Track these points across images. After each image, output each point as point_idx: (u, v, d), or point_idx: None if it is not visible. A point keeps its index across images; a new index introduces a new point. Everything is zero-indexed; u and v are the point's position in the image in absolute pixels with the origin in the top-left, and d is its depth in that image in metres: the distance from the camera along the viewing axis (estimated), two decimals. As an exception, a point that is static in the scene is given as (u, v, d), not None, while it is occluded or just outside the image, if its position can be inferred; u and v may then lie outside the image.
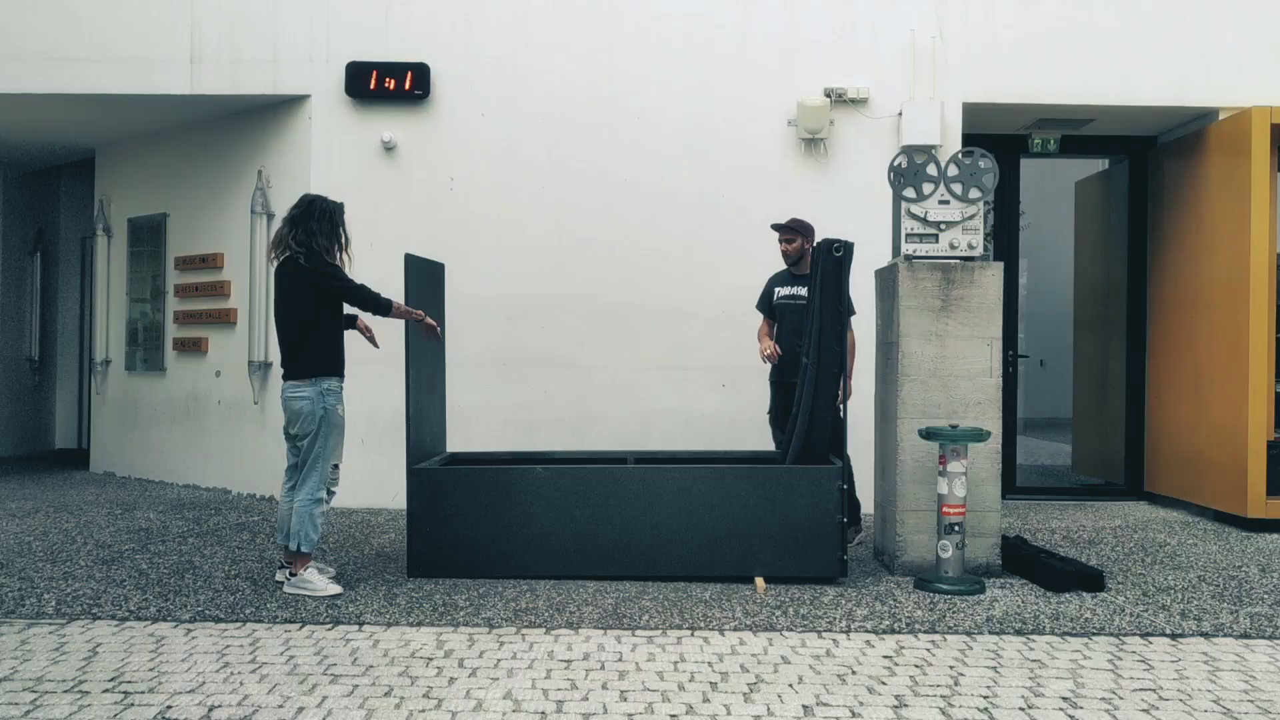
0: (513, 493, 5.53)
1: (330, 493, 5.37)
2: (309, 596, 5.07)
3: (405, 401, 5.57)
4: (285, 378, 5.29)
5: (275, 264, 5.36)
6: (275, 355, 8.27)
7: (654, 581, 5.44)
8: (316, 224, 5.23)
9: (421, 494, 5.51)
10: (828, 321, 5.63)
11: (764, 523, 5.45)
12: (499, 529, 5.50)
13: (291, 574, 5.22)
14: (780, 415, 6.47)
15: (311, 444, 5.23)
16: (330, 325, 5.30)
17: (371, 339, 5.65)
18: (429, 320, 5.49)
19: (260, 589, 5.24)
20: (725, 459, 6.30)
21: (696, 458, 6.39)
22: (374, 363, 8.04)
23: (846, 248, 5.66)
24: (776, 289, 6.64)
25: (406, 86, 7.82)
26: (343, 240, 5.34)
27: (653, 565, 5.49)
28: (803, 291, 6.35)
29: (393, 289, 7.61)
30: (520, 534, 5.49)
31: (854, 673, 4.03)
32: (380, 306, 5.28)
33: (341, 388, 5.32)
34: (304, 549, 5.18)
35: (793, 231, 6.50)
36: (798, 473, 5.55)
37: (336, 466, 5.36)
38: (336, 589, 5.15)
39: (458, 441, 7.43)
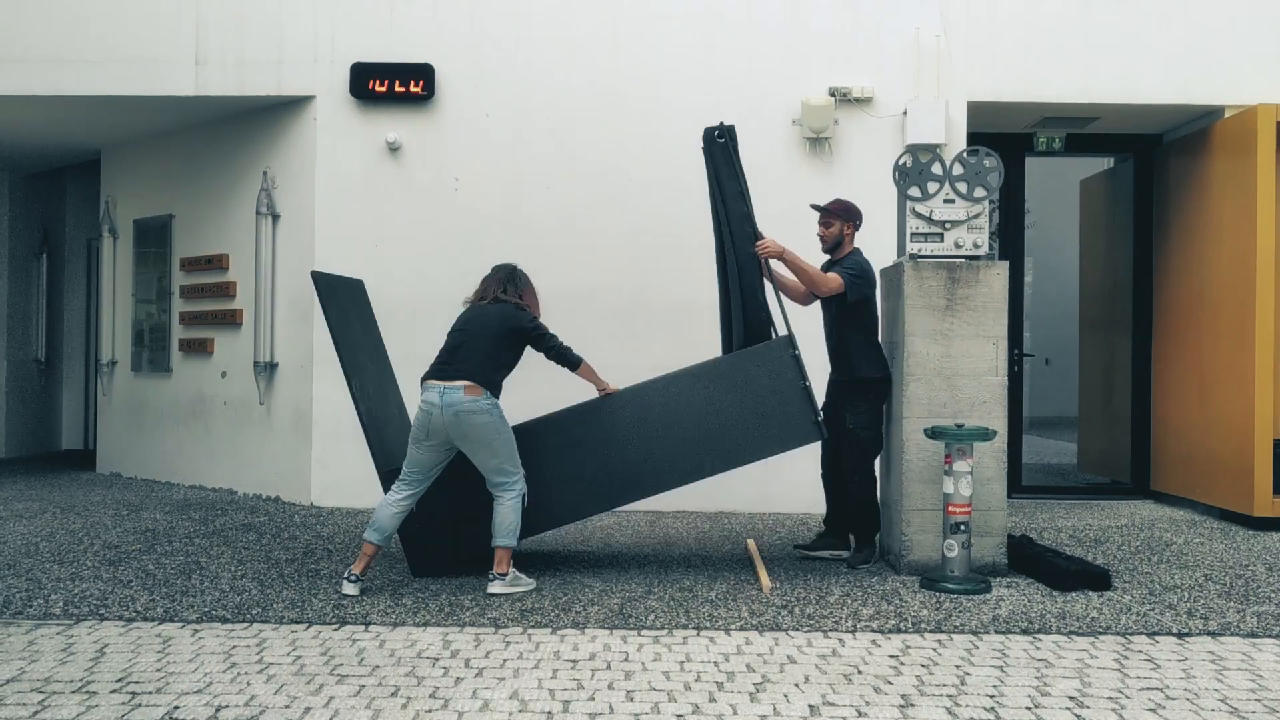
0: None
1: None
2: (520, 592, 5.21)
3: (356, 412, 5.55)
4: (451, 378, 5.21)
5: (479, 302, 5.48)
6: (280, 356, 8.29)
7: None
8: (523, 287, 5.52)
9: None
10: (732, 206, 5.73)
11: (734, 413, 5.50)
12: (486, 504, 5.43)
13: (501, 574, 5.22)
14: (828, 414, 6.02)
15: (500, 450, 5.26)
16: (513, 366, 5.47)
17: None
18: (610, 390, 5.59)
19: (267, 589, 5.25)
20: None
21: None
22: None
23: (727, 131, 5.75)
24: None
25: (411, 87, 7.83)
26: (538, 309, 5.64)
27: (642, 487, 5.56)
28: None
29: (398, 290, 7.64)
30: None
31: (860, 672, 4.03)
32: (573, 362, 5.47)
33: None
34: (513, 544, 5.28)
35: (830, 215, 5.98)
36: (748, 355, 5.58)
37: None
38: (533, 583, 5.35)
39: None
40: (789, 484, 7.69)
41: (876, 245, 7.56)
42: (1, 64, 8.00)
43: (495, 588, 5.17)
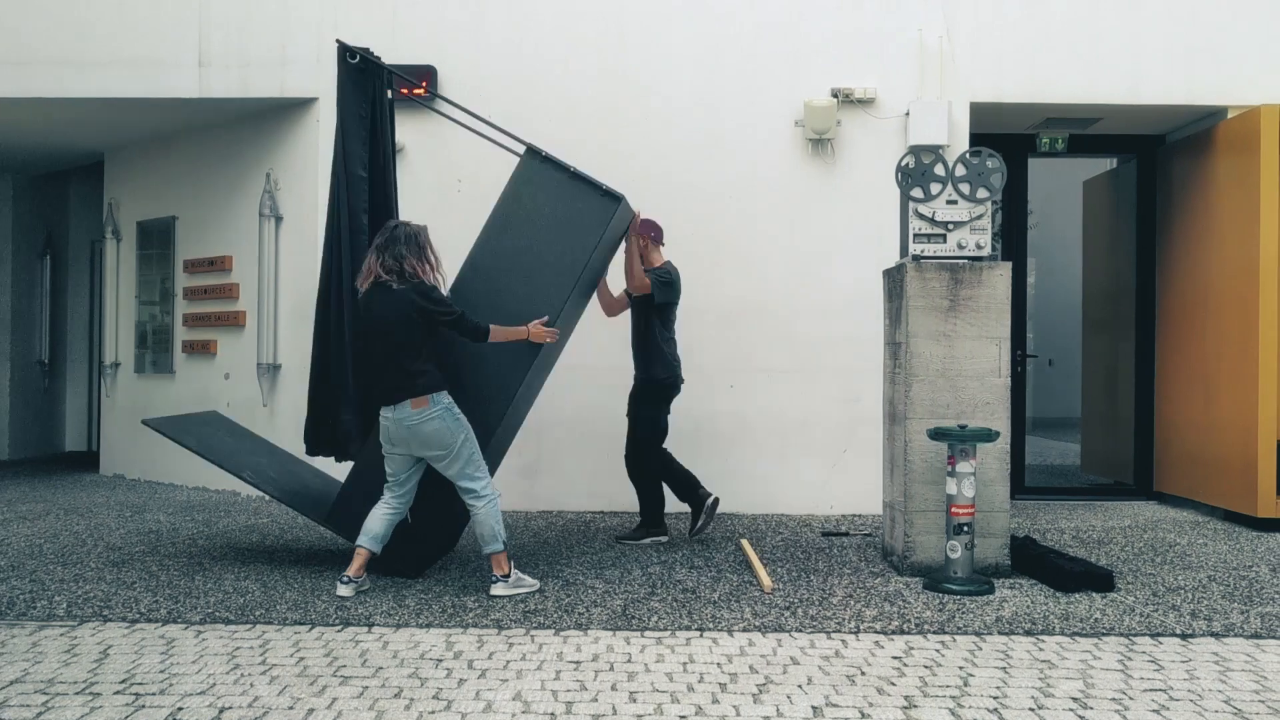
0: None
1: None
2: (521, 594, 5.20)
3: (267, 494, 5.74)
4: (393, 402, 5.11)
5: (362, 292, 5.24)
6: (284, 358, 8.30)
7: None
8: (404, 248, 5.17)
9: (350, 524, 5.51)
10: (350, 126, 5.75)
11: (543, 239, 5.54)
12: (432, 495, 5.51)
13: (502, 575, 5.20)
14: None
15: (461, 453, 5.19)
16: (434, 344, 5.23)
17: None
18: (540, 329, 5.40)
19: (270, 591, 5.26)
20: None
21: None
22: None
23: (360, 51, 5.79)
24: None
25: (414, 88, 7.82)
26: (432, 261, 5.28)
27: (528, 356, 5.43)
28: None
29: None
30: None
31: (863, 673, 4.03)
32: (479, 334, 5.24)
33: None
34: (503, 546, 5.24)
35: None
36: (510, 190, 5.66)
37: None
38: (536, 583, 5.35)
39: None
40: (791, 486, 7.70)
41: (879, 247, 7.61)
42: (6, 66, 8.02)
43: (498, 589, 5.17)
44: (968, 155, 5.77)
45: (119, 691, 3.77)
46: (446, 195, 7.92)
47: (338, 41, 5.92)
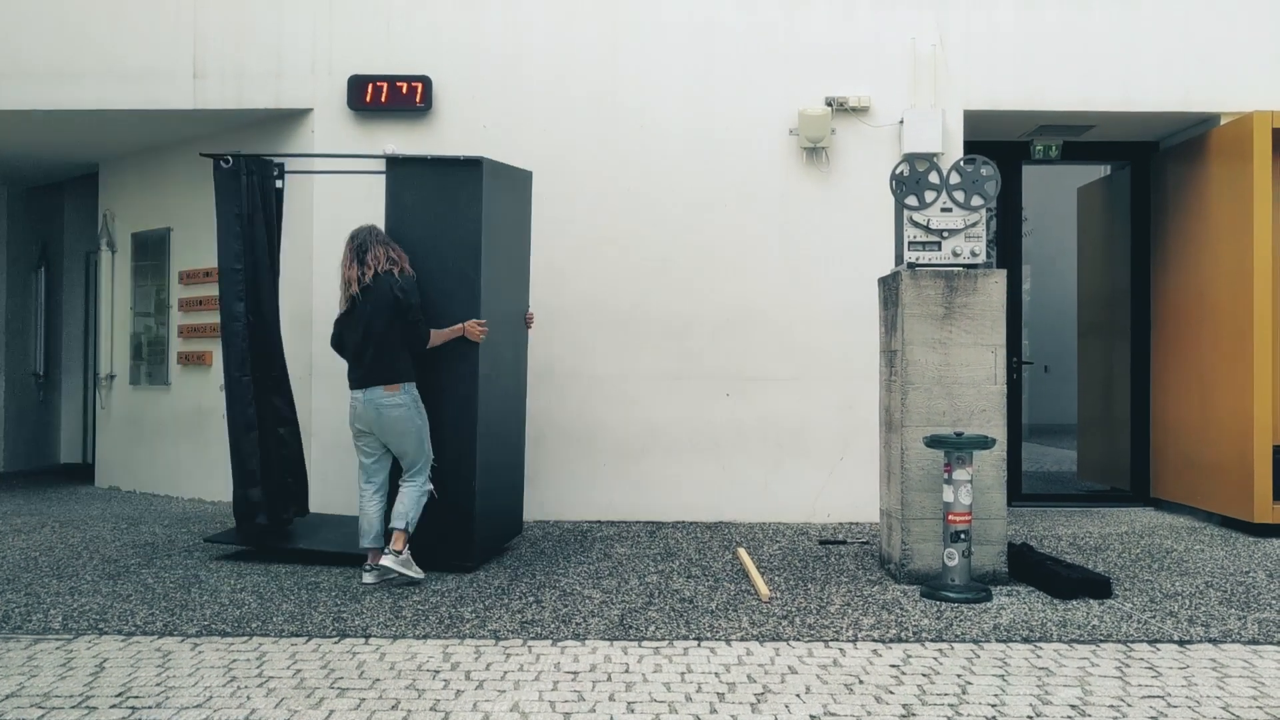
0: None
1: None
2: (410, 575, 5.60)
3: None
4: (366, 385, 5.64)
5: (369, 278, 5.65)
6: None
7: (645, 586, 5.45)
8: (389, 246, 5.80)
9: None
10: (225, 225, 6.48)
11: (430, 239, 5.97)
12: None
13: (398, 551, 5.58)
14: None
15: (422, 442, 5.72)
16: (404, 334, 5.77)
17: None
18: (474, 326, 5.86)
19: (266, 603, 5.25)
20: None
21: None
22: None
23: (238, 160, 6.29)
24: None
25: (409, 100, 7.84)
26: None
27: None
28: None
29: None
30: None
31: (861, 682, 4.03)
32: (425, 340, 5.75)
33: None
34: (411, 529, 5.68)
35: None
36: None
37: None
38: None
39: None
40: (788, 494, 7.70)
41: (874, 254, 7.62)
42: (0, 78, 8.02)
43: (388, 560, 5.54)
44: (962, 163, 5.79)
45: (115, 705, 3.76)
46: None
47: (201, 155, 6.42)
